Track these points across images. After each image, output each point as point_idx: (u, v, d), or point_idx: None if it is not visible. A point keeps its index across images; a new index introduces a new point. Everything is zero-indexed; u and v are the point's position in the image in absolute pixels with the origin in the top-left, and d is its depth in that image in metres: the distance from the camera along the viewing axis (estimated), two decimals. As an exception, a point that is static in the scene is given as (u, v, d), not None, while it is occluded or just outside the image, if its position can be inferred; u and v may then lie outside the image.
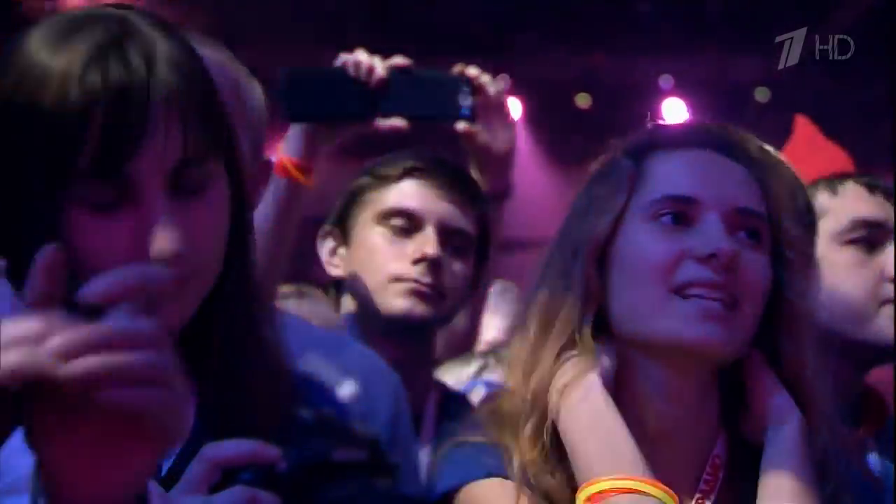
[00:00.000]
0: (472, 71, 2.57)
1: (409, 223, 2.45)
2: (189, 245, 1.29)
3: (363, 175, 2.54)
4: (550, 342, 1.68)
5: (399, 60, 2.49)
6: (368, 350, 2.18)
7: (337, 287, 2.59)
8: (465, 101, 2.53)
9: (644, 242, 1.68)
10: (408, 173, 2.49)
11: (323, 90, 2.42)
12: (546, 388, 1.66)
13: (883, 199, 2.44)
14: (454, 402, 2.57)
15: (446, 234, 2.45)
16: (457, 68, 2.58)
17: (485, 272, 2.58)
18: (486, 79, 2.57)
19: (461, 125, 2.54)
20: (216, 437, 1.24)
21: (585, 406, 1.63)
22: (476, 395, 2.68)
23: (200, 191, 1.33)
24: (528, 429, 1.65)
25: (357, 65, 2.45)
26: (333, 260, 2.55)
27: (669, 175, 1.72)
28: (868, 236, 2.41)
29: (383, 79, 2.44)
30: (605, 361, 1.66)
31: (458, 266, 2.45)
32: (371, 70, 2.44)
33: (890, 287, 2.37)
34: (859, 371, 2.40)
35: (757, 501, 1.63)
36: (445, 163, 2.53)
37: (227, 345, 1.38)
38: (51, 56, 1.29)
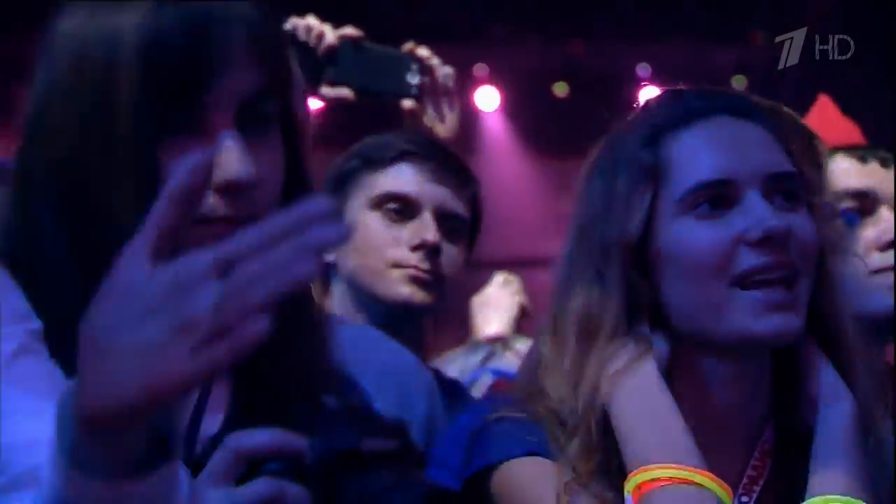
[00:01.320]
0: (423, 51, 2.53)
1: (405, 208, 2.36)
2: (256, 178, 1.24)
3: (352, 158, 2.44)
4: (595, 352, 1.58)
5: (350, 31, 2.46)
6: (401, 347, 2.14)
7: (325, 272, 2.49)
8: (413, 80, 2.51)
9: (689, 237, 1.59)
10: (401, 157, 2.39)
11: None
12: (595, 399, 1.56)
13: (878, 167, 2.32)
14: (448, 390, 2.48)
15: (442, 218, 2.37)
16: (407, 46, 2.54)
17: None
18: (435, 61, 2.54)
19: (408, 103, 2.51)
20: (245, 426, 1.18)
21: (640, 392, 1.55)
22: (483, 383, 2.67)
23: (263, 130, 1.28)
24: (576, 443, 1.56)
25: (308, 29, 2.42)
26: None
27: (695, 158, 1.61)
28: (858, 207, 2.29)
29: (333, 46, 2.42)
30: (660, 348, 1.59)
31: (453, 250, 2.38)
32: (321, 36, 2.42)
33: (882, 256, 2.25)
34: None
35: (808, 485, 1.56)
36: (436, 145, 2.46)
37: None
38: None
